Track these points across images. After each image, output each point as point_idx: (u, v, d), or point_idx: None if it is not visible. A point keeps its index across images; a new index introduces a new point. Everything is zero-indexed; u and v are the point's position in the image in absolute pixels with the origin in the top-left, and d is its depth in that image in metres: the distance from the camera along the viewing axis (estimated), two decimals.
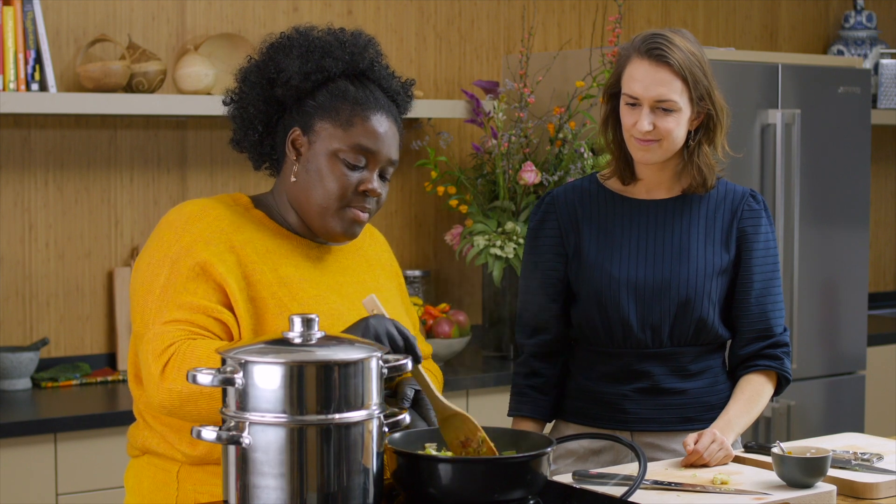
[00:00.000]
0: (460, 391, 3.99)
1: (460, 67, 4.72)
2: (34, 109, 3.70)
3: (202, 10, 4.20)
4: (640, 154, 2.61)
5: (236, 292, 2.16)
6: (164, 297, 2.14)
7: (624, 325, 2.62)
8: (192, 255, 2.16)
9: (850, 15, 5.62)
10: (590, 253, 2.66)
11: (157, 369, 2.09)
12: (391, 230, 4.58)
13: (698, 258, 2.64)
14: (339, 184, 2.23)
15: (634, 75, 2.58)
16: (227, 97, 2.35)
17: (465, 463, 2.01)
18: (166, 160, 4.14)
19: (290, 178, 2.27)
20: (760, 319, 2.66)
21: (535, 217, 2.75)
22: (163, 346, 2.10)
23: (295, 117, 2.26)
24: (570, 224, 2.69)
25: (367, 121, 2.24)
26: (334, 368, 1.85)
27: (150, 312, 2.15)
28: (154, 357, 2.10)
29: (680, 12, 5.23)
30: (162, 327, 2.12)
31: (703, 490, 2.29)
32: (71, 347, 4.01)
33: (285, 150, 2.28)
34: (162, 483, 2.23)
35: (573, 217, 2.69)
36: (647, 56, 2.57)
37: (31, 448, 3.38)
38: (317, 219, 2.26)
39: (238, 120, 2.32)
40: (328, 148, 2.23)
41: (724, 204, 2.68)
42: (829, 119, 4.59)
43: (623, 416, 2.65)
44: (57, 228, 3.98)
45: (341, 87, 2.25)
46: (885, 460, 2.51)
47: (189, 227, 2.20)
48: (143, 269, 2.21)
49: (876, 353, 4.95)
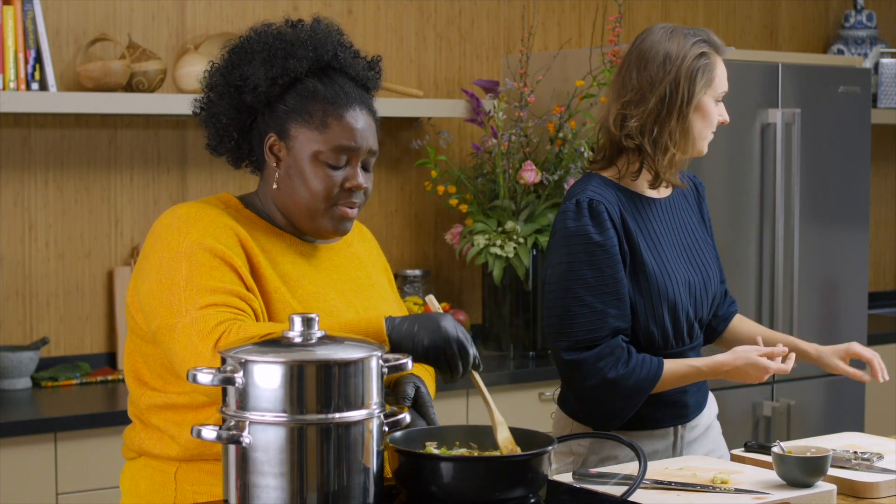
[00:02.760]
0: (460, 391, 3.99)
1: (460, 67, 4.72)
2: (34, 109, 3.70)
3: (202, 9, 4.20)
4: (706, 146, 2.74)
5: (250, 282, 2.16)
6: (191, 286, 2.09)
7: (688, 323, 2.71)
8: (206, 247, 2.13)
9: (850, 14, 5.62)
10: (646, 258, 2.65)
11: (206, 347, 2.02)
12: (391, 230, 4.58)
13: (707, 248, 2.82)
14: (323, 185, 2.21)
15: (722, 73, 2.73)
16: (195, 106, 2.32)
17: (467, 461, 2.01)
18: (166, 160, 4.14)
19: (272, 184, 2.26)
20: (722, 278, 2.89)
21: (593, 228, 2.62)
22: (210, 326, 2.03)
23: (268, 122, 2.24)
24: (622, 227, 2.65)
25: (342, 119, 2.21)
26: (334, 368, 1.85)
27: (179, 303, 2.09)
28: (201, 337, 2.03)
29: (680, 12, 5.23)
30: (200, 311, 2.06)
31: (703, 490, 2.29)
32: (71, 347, 4.01)
33: (263, 154, 2.26)
34: (159, 484, 2.22)
35: (621, 220, 2.65)
36: (720, 54, 2.74)
37: (31, 448, 3.38)
38: (306, 221, 2.25)
39: (211, 128, 2.29)
40: (307, 151, 2.21)
41: (691, 192, 2.85)
42: (829, 119, 4.59)
43: (684, 412, 2.75)
44: (57, 228, 3.98)
45: (310, 87, 2.22)
46: (885, 460, 2.51)
47: (193, 226, 2.18)
48: (154, 271, 2.15)
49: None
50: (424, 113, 4.40)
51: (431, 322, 2.07)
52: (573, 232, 2.62)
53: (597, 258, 2.60)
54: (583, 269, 2.60)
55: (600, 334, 2.59)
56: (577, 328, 2.60)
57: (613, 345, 2.60)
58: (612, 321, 2.60)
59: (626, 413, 2.64)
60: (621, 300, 2.61)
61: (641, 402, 2.62)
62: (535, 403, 4.14)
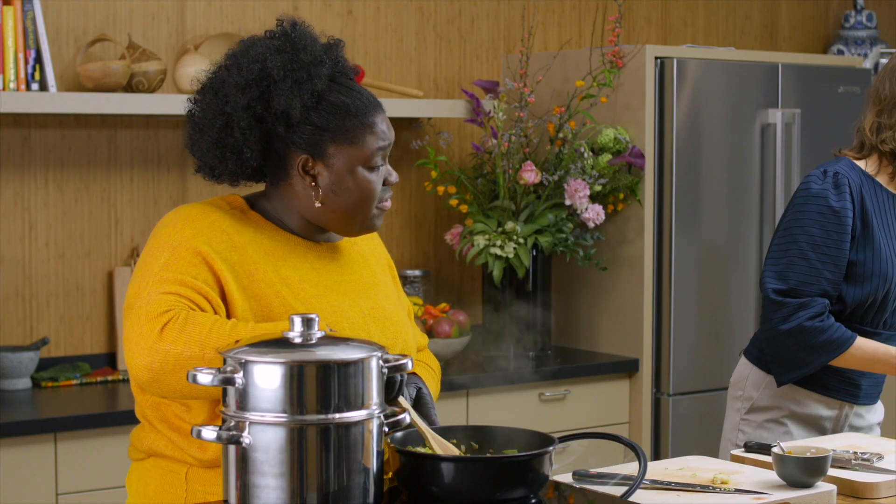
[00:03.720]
0: (460, 391, 3.99)
1: (460, 67, 4.72)
2: (34, 109, 3.70)
3: (202, 10, 4.20)
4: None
5: (234, 290, 2.15)
6: (163, 274, 2.11)
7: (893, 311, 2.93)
8: (193, 245, 2.14)
9: (850, 15, 5.62)
10: (880, 241, 2.89)
11: (151, 329, 2.02)
12: (391, 230, 4.58)
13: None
14: (371, 190, 2.25)
15: None
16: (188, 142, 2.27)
17: (468, 462, 2.01)
18: (166, 160, 4.14)
19: (312, 202, 2.24)
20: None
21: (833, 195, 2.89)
22: (160, 310, 2.04)
23: (295, 141, 2.21)
24: (860, 205, 2.89)
25: (374, 126, 2.24)
26: (334, 368, 1.85)
27: (145, 285, 2.11)
28: (148, 319, 2.04)
29: (680, 12, 5.23)
30: (158, 295, 2.07)
31: (703, 490, 2.29)
32: (71, 347, 4.01)
33: (286, 171, 2.25)
34: (169, 485, 2.21)
35: (861, 199, 2.89)
36: None
37: (31, 448, 3.38)
38: (358, 227, 2.28)
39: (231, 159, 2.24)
40: (351, 166, 2.22)
41: None
42: (829, 119, 4.59)
43: (856, 391, 2.96)
44: (57, 228, 3.98)
45: (334, 101, 2.22)
46: (885, 460, 2.51)
47: (190, 225, 2.19)
48: (141, 259, 2.19)
49: None
50: (424, 113, 4.40)
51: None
52: (814, 193, 2.90)
53: (828, 220, 2.86)
54: (813, 227, 2.87)
55: (810, 289, 2.83)
56: (792, 276, 2.85)
57: (818, 302, 2.82)
58: (825, 282, 2.84)
59: (805, 365, 2.86)
60: (838, 266, 2.85)
61: (825, 361, 2.84)
62: (535, 403, 4.14)
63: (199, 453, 2.17)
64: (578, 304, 4.59)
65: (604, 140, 4.33)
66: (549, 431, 2.16)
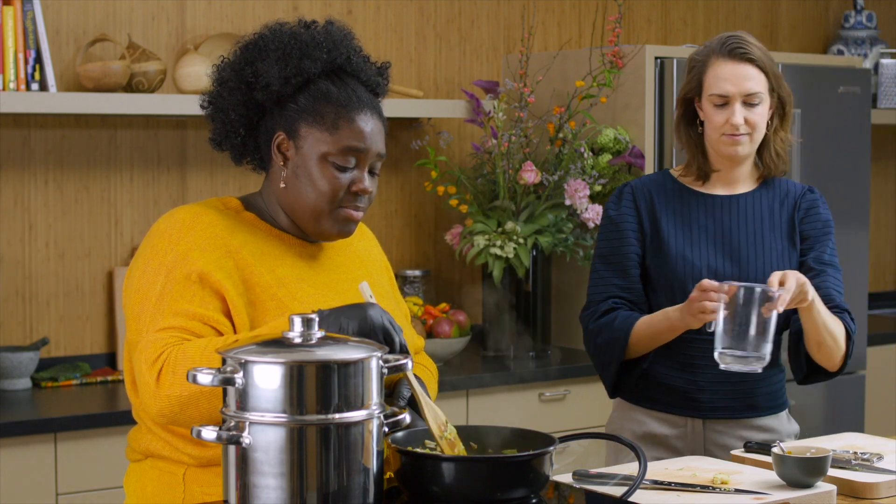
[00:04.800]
0: (460, 391, 3.99)
1: (460, 67, 4.72)
2: (34, 109, 3.70)
3: (202, 9, 4.20)
4: (733, 149, 2.77)
5: (235, 298, 2.15)
6: (161, 305, 2.12)
7: None
8: (189, 264, 2.14)
9: (850, 15, 5.62)
10: (670, 242, 2.80)
11: (151, 378, 2.06)
12: (391, 230, 4.58)
13: (773, 251, 2.80)
14: (330, 186, 2.22)
15: (721, 75, 2.75)
16: (203, 100, 2.32)
17: (469, 462, 2.02)
18: (166, 160, 4.14)
19: (279, 183, 2.25)
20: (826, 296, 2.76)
21: (613, 206, 2.88)
22: (155, 355, 2.07)
23: (277, 120, 2.24)
24: (648, 212, 2.83)
25: (353, 122, 2.22)
26: (334, 368, 1.85)
27: (144, 321, 2.13)
28: (147, 366, 2.07)
29: (680, 12, 5.23)
30: (155, 335, 2.09)
31: (703, 490, 2.29)
32: (71, 347, 4.01)
33: (270, 152, 2.26)
34: (167, 485, 2.21)
35: (650, 206, 2.84)
36: (730, 56, 2.75)
37: (31, 448, 3.38)
38: (310, 222, 2.25)
39: (218, 122, 2.30)
40: (317, 152, 2.21)
41: (788, 199, 2.86)
42: (829, 119, 4.59)
43: (695, 405, 2.81)
44: (57, 228, 3.98)
45: (322, 88, 2.22)
46: (885, 460, 2.51)
47: (184, 235, 2.18)
48: (137, 277, 2.18)
49: (876, 353, 4.95)
50: (424, 113, 4.40)
51: (358, 310, 2.10)
52: (603, 213, 2.93)
53: (608, 230, 2.87)
54: (600, 242, 2.89)
55: (599, 297, 2.84)
56: (589, 292, 2.88)
57: (603, 305, 2.82)
58: (614, 287, 2.82)
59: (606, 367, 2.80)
60: (626, 270, 2.82)
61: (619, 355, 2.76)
62: (535, 403, 4.14)
63: (199, 451, 2.17)
64: (578, 304, 4.58)
65: (604, 140, 4.33)
66: (549, 431, 2.16)
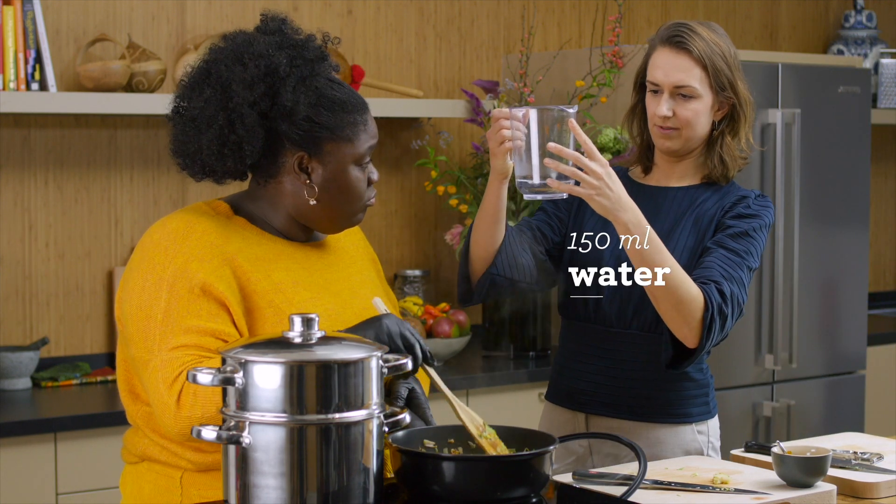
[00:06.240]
0: (460, 391, 3.98)
1: (460, 67, 4.72)
2: (34, 109, 3.70)
3: (202, 9, 4.20)
4: (661, 142, 2.67)
5: (235, 306, 2.14)
6: (168, 322, 2.10)
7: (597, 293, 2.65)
8: (189, 276, 2.12)
9: (850, 14, 5.62)
10: (587, 225, 2.68)
11: (171, 399, 2.05)
12: (391, 230, 4.58)
13: (682, 249, 2.62)
14: (361, 187, 2.27)
15: (657, 63, 2.66)
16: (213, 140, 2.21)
17: (469, 461, 2.02)
18: (166, 160, 4.13)
19: (305, 200, 2.24)
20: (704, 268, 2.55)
21: None
22: (174, 375, 2.06)
23: (292, 139, 2.20)
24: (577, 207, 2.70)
25: (367, 123, 2.25)
26: (334, 368, 1.85)
27: (153, 339, 2.11)
28: (166, 386, 2.06)
29: (680, 12, 5.23)
30: (169, 353, 2.08)
31: (703, 490, 2.29)
32: (71, 347, 4.01)
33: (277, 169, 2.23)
34: (164, 488, 2.20)
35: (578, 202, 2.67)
36: (668, 44, 2.65)
37: (31, 448, 3.38)
38: (346, 223, 2.30)
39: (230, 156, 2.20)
40: (345, 164, 2.23)
41: (724, 199, 2.68)
42: (829, 119, 4.59)
43: (582, 398, 2.69)
44: (57, 228, 3.98)
45: (331, 98, 2.22)
46: (885, 460, 2.51)
47: (180, 246, 2.15)
48: (136, 293, 2.15)
49: (876, 353, 4.95)
50: (424, 113, 4.40)
51: (374, 323, 2.15)
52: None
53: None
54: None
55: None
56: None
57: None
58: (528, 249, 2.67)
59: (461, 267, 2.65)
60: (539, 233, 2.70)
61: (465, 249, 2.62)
62: (535, 403, 4.14)
63: (196, 457, 2.16)
64: None
65: (604, 140, 4.33)
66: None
